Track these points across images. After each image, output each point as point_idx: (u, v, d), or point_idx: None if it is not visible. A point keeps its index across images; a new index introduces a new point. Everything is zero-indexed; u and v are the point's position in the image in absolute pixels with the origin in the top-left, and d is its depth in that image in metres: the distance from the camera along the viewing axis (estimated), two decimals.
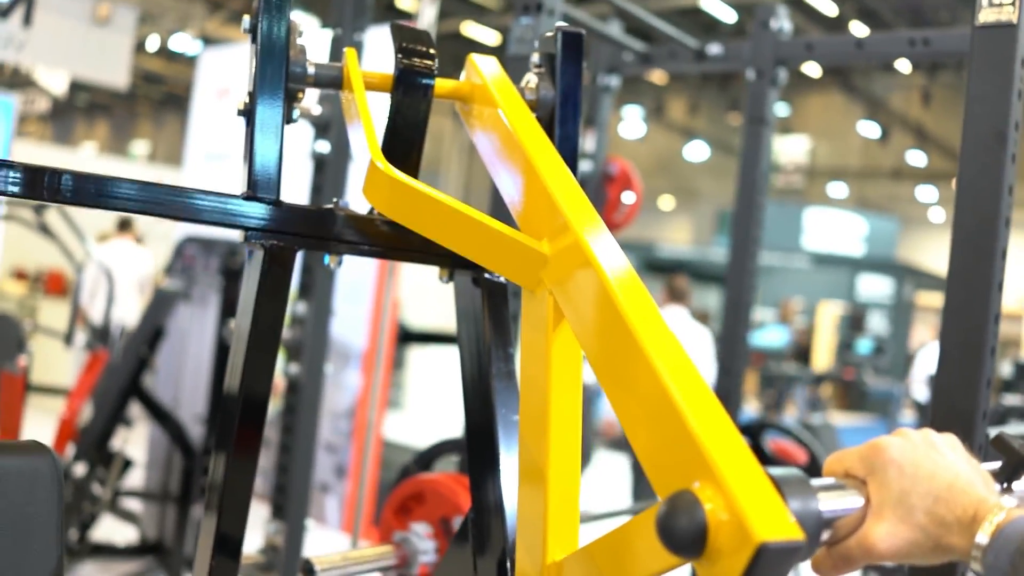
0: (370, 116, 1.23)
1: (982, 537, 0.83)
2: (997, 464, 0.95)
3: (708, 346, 7.08)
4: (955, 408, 1.64)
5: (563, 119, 1.30)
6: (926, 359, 11.81)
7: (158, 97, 30.26)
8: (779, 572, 0.69)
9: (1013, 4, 1.62)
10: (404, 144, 1.27)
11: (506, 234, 1.09)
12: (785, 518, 0.70)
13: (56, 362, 8.41)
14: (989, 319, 1.65)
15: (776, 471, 0.81)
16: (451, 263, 1.28)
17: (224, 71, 6.19)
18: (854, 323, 17.69)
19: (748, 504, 0.70)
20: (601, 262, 0.94)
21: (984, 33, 1.66)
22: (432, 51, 1.27)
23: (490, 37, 19.55)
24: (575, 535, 1.03)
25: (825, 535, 0.88)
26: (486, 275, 1.28)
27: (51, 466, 1.15)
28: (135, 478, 4.99)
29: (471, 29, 19.73)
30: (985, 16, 1.65)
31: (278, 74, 1.20)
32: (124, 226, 8.68)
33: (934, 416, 1.66)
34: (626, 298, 0.90)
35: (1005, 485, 0.94)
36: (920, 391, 11.28)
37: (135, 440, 4.93)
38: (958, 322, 1.67)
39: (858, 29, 17.88)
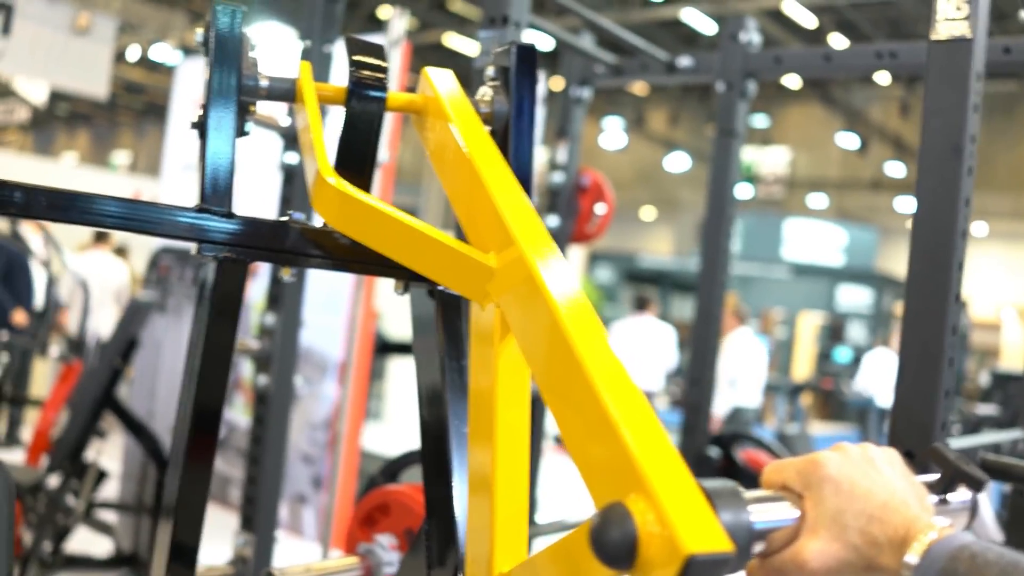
0: (321, 129, 1.24)
1: (911, 557, 0.84)
2: (935, 476, 0.96)
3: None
4: (913, 420, 1.66)
5: (517, 133, 1.31)
6: (872, 365, 11.91)
7: (139, 107, 30.20)
8: None
9: (968, 19, 1.64)
10: (357, 157, 1.27)
11: (453, 248, 1.09)
12: (715, 530, 0.70)
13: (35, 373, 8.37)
14: (946, 330, 1.66)
15: (709, 483, 0.82)
16: (406, 275, 1.28)
17: (203, 81, 6.17)
18: (833, 333, 17.76)
19: (678, 516, 0.70)
20: (544, 276, 0.95)
21: (940, 48, 1.68)
22: (385, 64, 1.28)
23: (471, 48, 19.59)
24: (523, 546, 1.04)
25: (758, 547, 0.88)
26: (440, 287, 1.28)
27: (2, 481, 1.15)
28: (110, 490, 4.96)
29: (453, 40, 19.78)
30: (941, 31, 1.67)
31: (230, 87, 1.21)
32: (101, 237, 8.66)
33: (892, 427, 1.68)
34: (567, 312, 0.90)
35: (941, 497, 0.95)
36: (885, 399, 11.38)
37: (110, 451, 4.91)
38: (916, 334, 1.68)
39: (837, 41, 18.00)
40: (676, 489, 0.73)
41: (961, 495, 0.97)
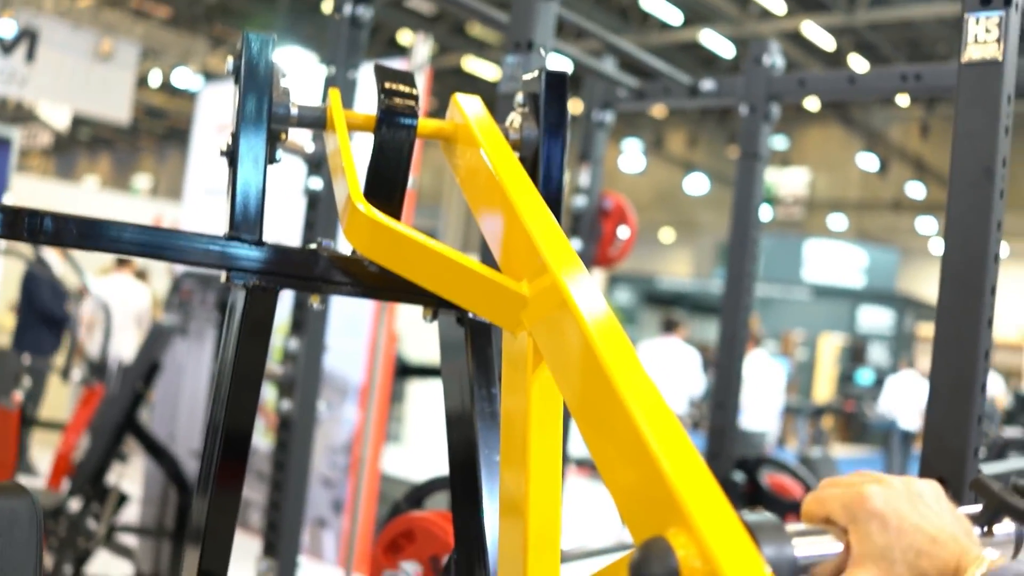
0: (352, 157, 1.23)
1: None
2: (978, 508, 0.94)
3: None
4: (945, 445, 1.63)
5: (547, 159, 1.30)
6: (896, 387, 11.82)
7: (160, 132, 30.39)
8: None
9: (998, 42, 1.62)
10: (387, 184, 1.27)
11: (485, 276, 1.08)
12: (758, 565, 0.69)
13: (56, 396, 8.40)
14: (979, 356, 1.64)
15: (751, 517, 0.81)
16: (435, 302, 1.27)
17: (224, 106, 6.22)
18: (855, 355, 17.66)
19: (721, 551, 0.69)
20: (579, 304, 0.94)
21: (970, 70, 1.66)
22: (415, 92, 1.27)
23: (490, 72, 19.65)
24: (556, 574, 1.02)
25: None
26: (470, 315, 1.27)
27: (29, 508, 1.14)
28: (130, 513, 4.96)
29: (472, 64, 19.84)
30: (971, 53, 1.66)
31: (260, 115, 1.21)
32: (123, 261, 8.70)
33: (924, 453, 1.66)
34: (603, 341, 0.89)
35: (985, 529, 0.93)
36: (908, 422, 11.27)
37: (131, 475, 4.91)
38: (948, 359, 1.66)
39: (856, 62, 17.97)
40: (718, 523, 0.72)
41: (1005, 527, 0.95)
